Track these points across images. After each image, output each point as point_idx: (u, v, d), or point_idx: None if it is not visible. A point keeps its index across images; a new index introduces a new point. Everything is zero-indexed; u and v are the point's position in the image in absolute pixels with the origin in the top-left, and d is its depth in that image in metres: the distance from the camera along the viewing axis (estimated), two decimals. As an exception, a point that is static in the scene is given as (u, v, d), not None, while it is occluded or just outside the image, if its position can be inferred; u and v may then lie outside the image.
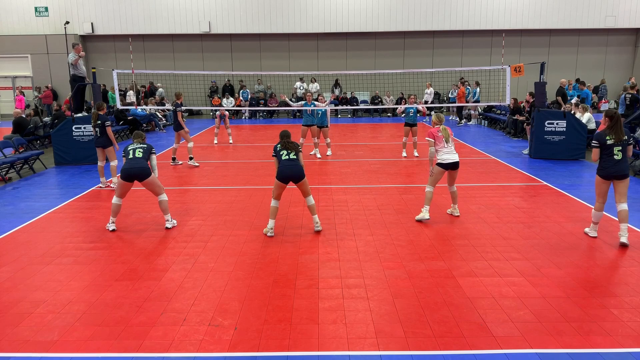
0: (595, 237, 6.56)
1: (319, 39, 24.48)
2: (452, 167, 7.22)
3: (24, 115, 15.03)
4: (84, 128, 11.97)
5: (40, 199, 8.90)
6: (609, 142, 6.26)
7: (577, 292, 4.97)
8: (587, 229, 6.75)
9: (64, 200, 8.72)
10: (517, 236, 6.61)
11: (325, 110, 12.47)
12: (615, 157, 6.22)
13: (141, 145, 7.27)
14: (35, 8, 23.51)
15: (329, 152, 12.77)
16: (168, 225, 7.15)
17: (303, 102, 12.81)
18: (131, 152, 7.08)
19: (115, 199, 7.02)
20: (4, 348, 4.09)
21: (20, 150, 12.50)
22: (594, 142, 6.39)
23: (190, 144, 11.82)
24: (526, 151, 12.96)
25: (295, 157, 6.72)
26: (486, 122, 19.64)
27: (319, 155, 12.47)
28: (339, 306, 4.71)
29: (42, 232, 7.08)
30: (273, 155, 6.88)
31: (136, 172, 6.91)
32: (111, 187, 9.54)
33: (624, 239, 6.16)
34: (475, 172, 10.70)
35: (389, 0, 23.61)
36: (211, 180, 10.31)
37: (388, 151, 13.43)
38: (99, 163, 9.70)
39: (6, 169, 10.54)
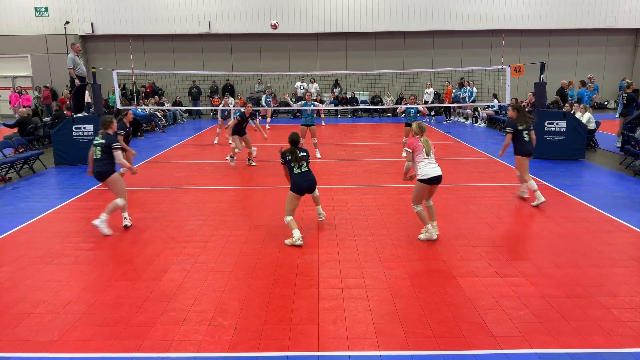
0: (544, 201, 7.87)
1: (319, 39, 24.48)
2: (436, 181, 6.47)
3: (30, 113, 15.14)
4: (84, 128, 11.97)
5: (40, 199, 8.89)
6: (519, 127, 7.88)
7: (577, 292, 4.97)
8: (534, 202, 7.92)
9: (64, 200, 8.72)
10: (517, 236, 6.61)
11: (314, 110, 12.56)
12: (525, 139, 7.89)
13: (101, 141, 6.78)
14: (35, 8, 23.51)
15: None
16: (97, 222, 6.71)
17: (303, 102, 12.80)
18: (93, 150, 6.83)
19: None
20: (4, 348, 4.09)
21: (20, 150, 12.50)
22: (509, 129, 7.99)
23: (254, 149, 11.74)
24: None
25: (307, 168, 6.60)
26: (481, 122, 19.62)
27: (319, 155, 12.46)
28: (339, 306, 4.71)
29: (42, 232, 7.08)
30: (282, 163, 6.67)
31: (97, 174, 6.86)
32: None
33: (524, 195, 8.25)
34: (475, 172, 10.70)
35: (389, 0, 23.61)
36: (211, 180, 10.31)
37: (388, 151, 13.43)
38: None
39: (6, 169, 10.53)
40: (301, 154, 6.59)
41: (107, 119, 7.02)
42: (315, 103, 12.64)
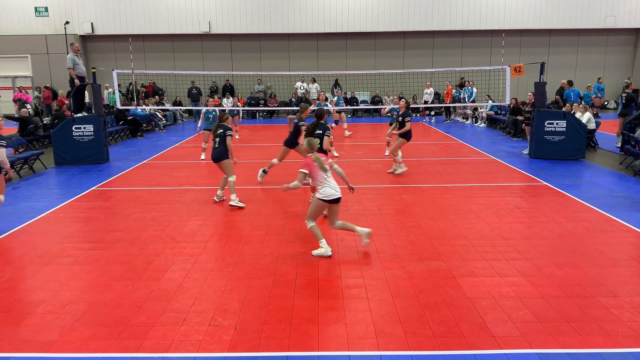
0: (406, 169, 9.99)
1: (319, 39, 24.48)
2: (335, 202, 6.01)
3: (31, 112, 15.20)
4: (84, 128, 11.97)
5: (40, 199, 8.89)
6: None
7: (577, 292, 4.97)
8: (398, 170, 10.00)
9: (64, 200, 8.72)
10: (517, 236, 6.61)
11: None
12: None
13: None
14: (35, 8, 23.50)
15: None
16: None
17: (317, 102, 12.93)
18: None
19: None
20: (4, 348, 4.09)
21: (20, 150, 12.50)
22: (407, 119, 10.25)
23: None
24: (526, 151, 12.96)
25: (319, 144, 6.89)
26: (481, 122, 19.62)
27: (336, 154, 12.53)
28: (339, 306, 4.71)
29: (42, 232, 7.08)
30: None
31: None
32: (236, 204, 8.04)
33: (398, 172, 10.27)
34: (475, 172, 10.70)
35: (389, 0, 23.61)
36: (211, 180, 10.31)
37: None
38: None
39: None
40: (318, 130, 7.39)
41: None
42: (328, 104, 12.75)
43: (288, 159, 10.10)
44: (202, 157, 12.52)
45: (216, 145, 7.63)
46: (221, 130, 7.96)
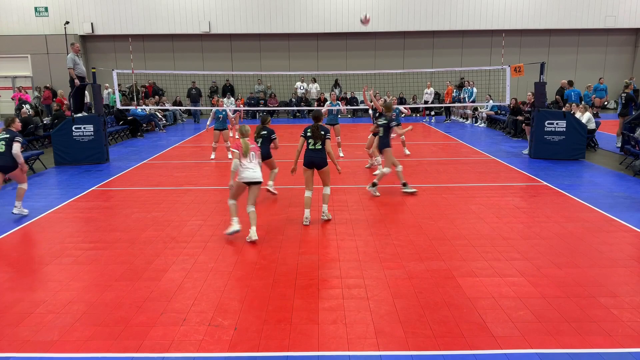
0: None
1: (319, 39, 24.48)
2: (253, 183, 6.68)
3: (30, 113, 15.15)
4: (84, 128, 11.97)
5: (40, 199, 8.89)
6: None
7: (577, 292, 4.97)
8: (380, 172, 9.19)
9: (64, 200, 8.72)
10: (517, 236, 6.61)
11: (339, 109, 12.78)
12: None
13: (4, 135, 7.73)
14: (35, 8, 23.50)
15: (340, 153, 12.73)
16: (15, 210, 7.79)
17: (329, 102, 12.92)
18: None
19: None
20: (4, 348, 4.09)
21: (21, 150, 12.48)
22: (394, 123, 9.12)
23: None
24: (526, 151, 12.96)
25: (320, 147, 7.27)
26: (481, 122, 19.62)
27: (341, 154, 12.54)
28: (339, 306, 4.71)
29: (42, 232, 7.08)
30: (301, 136, 7.41)
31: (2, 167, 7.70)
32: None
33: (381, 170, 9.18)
34: (475, 172, 10.70)
35: (389, 0, 23.61)
36: (211, 180, 10.31)
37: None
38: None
39: (6, 169, 10.53)
40: (321, 132, 7.26)
41: (9, 118, 8.18)
42: (340, 103, 12.80)
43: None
44: (212, 156, 12.57)
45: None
46: (265, 132, 8.54)
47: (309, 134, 7.28)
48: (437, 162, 12.00)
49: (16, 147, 7.74)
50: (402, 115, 12.26)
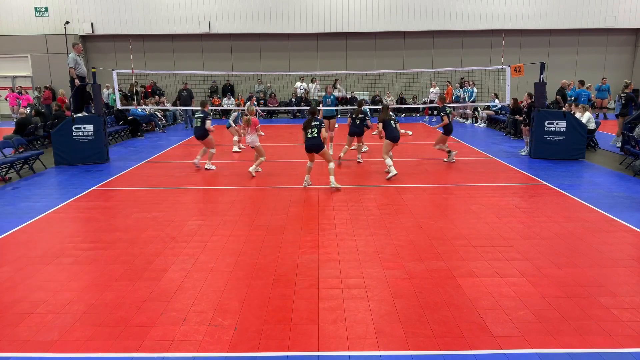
0: (396, 174, 9.91)
1: (319, 39, 24.48)
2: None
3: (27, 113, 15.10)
4: (84, 128, 11.97)
5: (40, 199, 8.89)
6: (389, 120, 10.11)
7: (577, 292, 4.97)
8: (389, 174, 9.94)
9: (64, 200, 8.72)
10: (517, 236, 6.61)
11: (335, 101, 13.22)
12: (393, 126, 10.12)
13: (200, 115, 9.94)
14: (35, 8, 23.50)
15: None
16: (207, 166, 10.80)
17: (323, 94, 13.07)
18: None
19: None
20: (4, 348, 4.09)
21: (20, 150, 12.50)
22: (380, 123, 10.13)
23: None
24: (523, 152, 12.97)
25: (317, 134, 8.90)
26: (481, 122, 19.61)
27: (331, 151, 12.47)
28: (339, 306, 4.71)
29: (42, 232, 7.08)
30: (302, 129, 9.13)
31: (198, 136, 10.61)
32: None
33: (391, 174, 9.90)
34: (475, 172, 10.70)
35: (389, 0, 23.61)
36: (211, 180, 10.31)
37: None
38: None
39: (6, 169, 10.53)
40: (313, 123, 8.97)
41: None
42: (335, 93, 13.12)
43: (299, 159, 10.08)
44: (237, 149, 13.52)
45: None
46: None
47: (305, 125, 9.05)
48: (437, 162, 11.99)
49: (208, 123, 10.88)
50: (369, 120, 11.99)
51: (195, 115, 11.32)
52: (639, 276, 5.35)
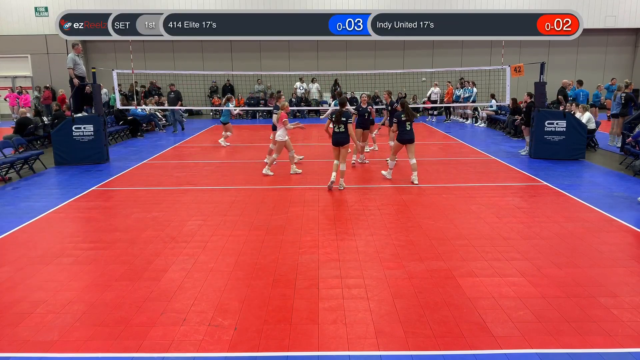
0: (390, 179, 9.88)
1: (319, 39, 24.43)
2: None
3: (28, 115, 15.07)
4: (84, 128, 11.97)
5: (40, 199, 8.89)
6: (403, 119, 9.54)
7: (577, 292, 4.97)
8: (384, 172, 10.10)
9: (64, 200, 8.72)
10: (517, 236, 6.61)
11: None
12: (407, 128, 9.58)
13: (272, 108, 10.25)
14: (35, 8, 23.50)
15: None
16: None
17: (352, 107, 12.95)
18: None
19: None
20: (4, 348, 4.09)
21: (20, 150, 12.49)
22: (394, 120, 9.65)
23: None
24: (523, 152, 12.97)
25: (344, 129, 9.06)
26: (481, 122, 19.62)
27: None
28: (339, 306, 4.71)
29: (42, 232, 7.08)
30: (330, 119, 9.52)
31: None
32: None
33: (415, 180, 9.54)
34: (475, 172, 10.70)
35: (389, 0, 23.57)
36: (211, 180, 10.31)
37: (388, 151, 13.40)
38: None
39: (6, 169, 10.53)
40: (342, 118, 9.03)
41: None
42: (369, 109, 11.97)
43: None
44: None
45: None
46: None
47: (333, 118, 9.13)
48: (437, 162, 12.00)
49: (275, 118, 10.96)
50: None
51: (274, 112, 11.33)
52: (639, 276, 5.35)
